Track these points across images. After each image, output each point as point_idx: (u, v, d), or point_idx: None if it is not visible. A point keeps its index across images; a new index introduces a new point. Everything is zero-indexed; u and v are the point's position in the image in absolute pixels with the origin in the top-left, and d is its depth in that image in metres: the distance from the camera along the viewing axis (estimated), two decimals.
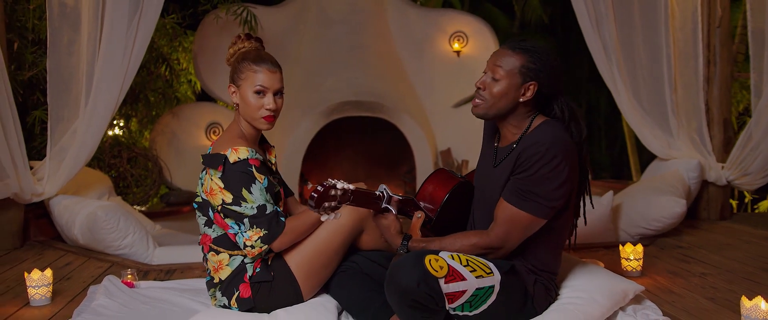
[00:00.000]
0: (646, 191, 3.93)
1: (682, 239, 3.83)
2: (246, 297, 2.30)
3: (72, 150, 3.78)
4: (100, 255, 3.57)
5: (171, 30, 6.19)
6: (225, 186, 2.20)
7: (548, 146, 2.02)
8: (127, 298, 2.70)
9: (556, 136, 2.06)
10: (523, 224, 2.07)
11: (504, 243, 2.10)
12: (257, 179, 2.22)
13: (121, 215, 3.52)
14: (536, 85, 2.11)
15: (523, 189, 2.05)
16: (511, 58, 2.11)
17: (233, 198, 2.19)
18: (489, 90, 2.13)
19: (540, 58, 2.11)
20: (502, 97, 2.11)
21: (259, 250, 2.22)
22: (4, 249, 3.76)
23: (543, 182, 2.03)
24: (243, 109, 2.33)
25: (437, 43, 6.14)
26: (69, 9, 3.78)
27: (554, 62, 2.15)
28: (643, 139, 4.31)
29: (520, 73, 2.10)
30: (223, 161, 2.20)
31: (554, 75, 2.15)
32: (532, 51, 2.12)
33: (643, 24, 4.25)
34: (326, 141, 6.23)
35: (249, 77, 2.31)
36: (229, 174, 2.20)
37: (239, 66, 2.34)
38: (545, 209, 2.05)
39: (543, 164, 2.01)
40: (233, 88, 2.35)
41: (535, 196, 2.03)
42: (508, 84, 2.10)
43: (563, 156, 2.02)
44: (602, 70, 4.22)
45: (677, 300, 2.69)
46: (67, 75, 3.80)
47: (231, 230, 2.24)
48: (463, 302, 2.00)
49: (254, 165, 2.23)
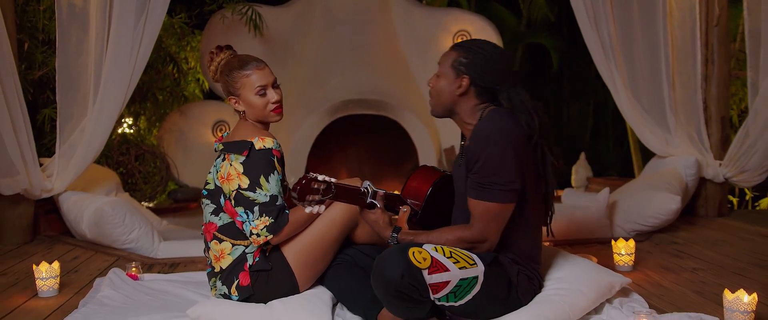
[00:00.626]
0: (642, 188, 3.99)
1: (677, 235, 3.88)
2: (245, 285, 2.39)
3: (80, 147, 3.88)
4: (107, 249, 3.67)
5: (179, 29, 6.29)
6: (244, 171, 2.30)
7: (487, 134, 2.11)
8: (130, 290, 2.80)
9: (494, 123, 2.14)
10: (494, 213, 2.13)
11: (485, 236, 2.16)
12: (276, 170, 2.33)
13: (127, 211, 3.62)
14: (468, 78, 2.21)
15: (479, 182, 2.12)
16: (447, 55, 2.27)
17: (250, 183, 2.29)
18: (434, 86, 2.28)
19: (473, 52, 2.22)
20: (441, 92, 2.26)
21: (264, 239, 2.31)
22: (14, 244, 3.87)
23: (494, 169, 2.09)
24: (251, 112, 2.44)
25: (441, 42, 6.19)
26: (78, 9, 3.87)
27: (488, 55, 2.21)
28: (642, 137, 4.37)
29: (453, 67, 2.23)
30: (250, 147, 2.32)
31: (488, 68, 2.21)
32: (466, 47, 2.25)
33: (641, 22, 4.30)
34: (332, 139, 6.30)
35: (245, 83, 2.40)
36: (253, 159, 2.31)
37: (230, 78, 2.43)
38: (507, 194, 2.12)
39: (488, 154, 2.09)
40: (234, 99, 2.44)
41: (493, 184, 2.10)
42: (445, 80, 2.25)
43: (505, 140, 2.10)
44: (601, 68, 4.27)
45: (666, 293, 2.75)
46: (76, 74, 3.90)
47: (239, 218, 2.33)
48: (447, 292, 2.07)
49: (276, 157, 2.35)
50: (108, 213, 3.57)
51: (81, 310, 2.54)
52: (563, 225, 3.71)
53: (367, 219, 2.26)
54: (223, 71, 2.46)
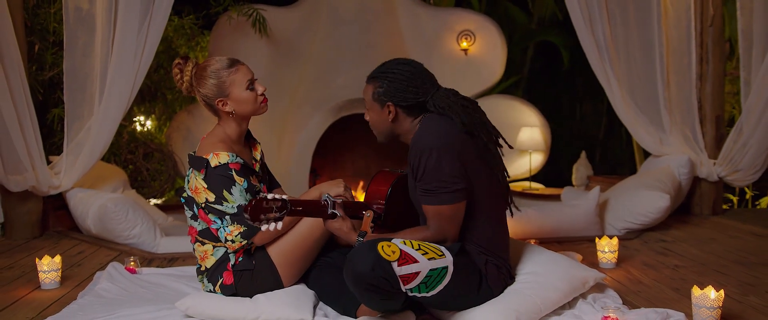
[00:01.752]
0: (633, 186, 4.04)
1: (668, 233, 3.93)
2: (229, 283, 2.49)
3: (87, 146, 4.02)
4: (110, 244, 3.82)
5: (189, 30, 6.44)
6: (208, 187, 2.38)
7: (421, 144, 2.20)
8: (127, 283, 2.93)
9: (426, 130, 2.23)
10: (447, 215, 2.23)
11: (444, 236, 2.26)
12: (237, 182, 2.39)
13: (129, 207, 3.76)
14: (392, 104, 2.30)
15: (425, 188, 2.22)
16: (367, 89, 2.38)
17: (215, 197, 2.37)
18: (369, 119, 2.40)
19: (386, 78, 2.30)
20: (377, 123, 2.38)
21: (239, 245, 2.41)
22: (23, 238, 4.03)
23: (434, 176, 2.19)
24: (242, 108, 2.49)
25: (446, 41, 6.27)
26: (84, 13, 4.02)
27: (400, 77, 2.29)
28: (636, 136, 4.42)
29: (375, 99, 2.33)
30: (205, 165, 2.39)
31: (403, 87, 2.30)
32: (378, 75, 2.33)
33: (636, 22, 4.35)
34: (339, 138, 6.42)
35: (234, 80, 2.46)
36: (211, 176, 2.38)
37: (217, 79, 2.45)
38: (453, 195, 2.20)
39: (424, 161, 2.19)
40: (222, 100, 2.46)
41: (438, 190, 2.20)
42: (374, 113, 2.37)
43: (436, 145, 2.18)
44: (595, 67, 4.33)
45: (644, 290, 2.81)
46: (83, 75, 4.04)
47: (213, 225, 2.43)
48: (418, 283, 2.14)
49: (234, 169, 2.40)
50: (111, 210, 3.71)
51: (78, 301, 2.67)
52: (552, 223, 3.78)
53: (332, 228, 2.32)
54: (202, 76, 2.46)
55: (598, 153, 9.30)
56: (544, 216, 3.80)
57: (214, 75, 2.45)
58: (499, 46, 6.16)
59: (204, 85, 2.46)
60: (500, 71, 6.18)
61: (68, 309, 2.57)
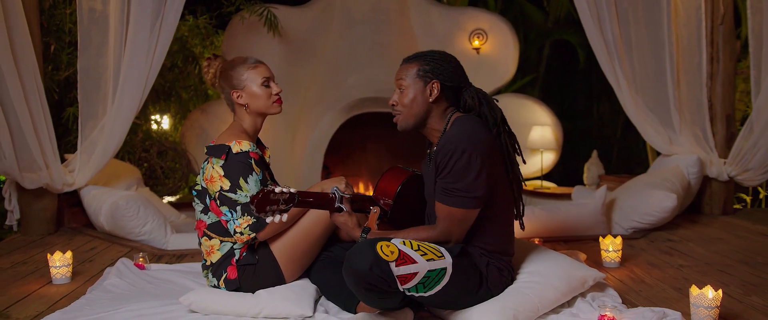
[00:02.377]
0: (641, 186, 4.03)
1: (676, 233, 3.92)
2: (232, 278, 2.55)
3: (100, 144, 4.10)
4: (122, 240, 3.89)
5: (204, 30, 6.52)
6: (225, 174, 2.46)
7: (456, 143, 2.20)
8: (135, 278, 3.00)
9: (462, 132, 2.23)
10: (458, 218, 2.26)
11: (449, 237, 2.29)
12: (254, 171, 2.47)
13: (141, 205, 3.83)
14: (438, 82, 2.31)
15: (446, 187, 2.24)
16: (407, 69, 2.36)
17: (231, 185, 2.44)
18: (401, 102, 2.35)
19: (432, 58, 2.34)
20: (413, 102, 2.33)
21: (247, 237, 2.47)
22: (39, 234, 4.12)
23: (460, 177, 2.21)
24: (255, 103, 2.60)
25: (458, 40, 6.29)
26: (98, 14, 4.09)
27: (447, 57, 2.36)
28: (645, 135, 4.40)
29: (419, 76, 2.32)
30: (227, 151, 2.48)
31: (450, 68, 2.36)
32: (421, 56, 2.36)
33: (646, 21, 4.34)
34: (352, 137, 6.46)
35: (251, 76, 2.59)
36: (230, 162, 2.46)
37: (235, 72, 2.60)
38: (471, 200, 2.23)
39: (455, 161, 2.19)
40: (238, 93, 2.60)
41: (458, 191, 2.22)
42: (414, 91, 2.33)
43: (472, 149, 2.19)
44: (604, 66, 4.33)
45: (645, 289, 2.82)
46: (96, 75, 4.12)
47: (224, 217, 2.49)
48: (416, 283, 2.18)
49: (254, 159, 2.49)
50: (122, 207, 3.79)
51: (87, 296, 2.74)
52: (558, 222, 3.79)
53: (337, 222, 2.37)
54: (226, 68, 2.63)
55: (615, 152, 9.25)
56: (550, 215, 3.81)
57: (236, 68, 2.61)
58: (511, 45, 6.16)
59: (226, 77, 2.62)
60: (512, 70, 6.18)
61: (76, 304, 2.63)
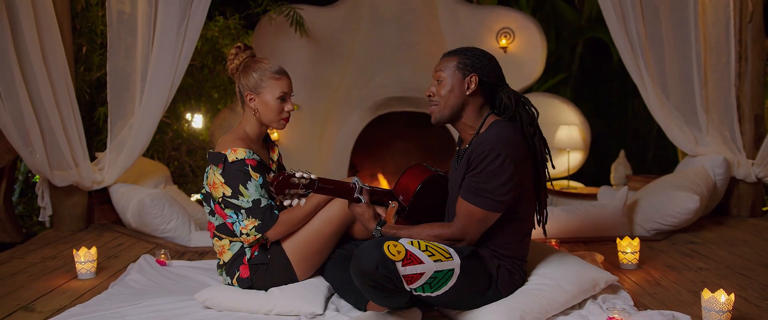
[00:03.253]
0: (664, 187, 3.97)
1: (699, 234, 3.85)
2: (245, 277, 2.61)
3: (129, 143, 4.21)
4: (148, 237, 3.99)
5: (234, 30, 6.62)
6: (225, 181, 2.51)
7: (492, 145, 2.21)
8: (155, 274, 3.08)
9: (501, 135, 2.24)
10: (477, 218, 2.26)
11: (464, 236, 2.29)
12: (253, 177, 2.51)
13: (166, 202, 3.92)
14: (477, 76, 2.33)
15: (473, 186, 2.25)
16: (447, 62, 2.38)
17: (232, 192, 2.50)
18: (438, 93, 2.37)
19: (472, 53, 2.37)
20: (450, 94, 2.35)
21: (254, 238, 2.52)
22: (70, 230, 4.26)
23: (490, 179, 2.21)
24: (264, 113, 2.62)
25: (485, 39, 6.26)
26: (126, 16, 4.20)
27: (487, 55, 2.39)
28: (670, 135, 4.34)
29: (459, 69, 2.35)
30: (223, 160, 2.52)
31: (489, 65, 2.38)
32: (462, 50, 2.39)
33: (672, 20, 4.28)
34: (379, 134, 6.50)
35: (271, 86, 2.60)
36: (228, 171, 2.51)
37: (257, 76, 2.60)
38: (495, 203, 2.24)
39: (489, 162, 2.20)
40: (252, 96, 2.61)
41: (485, 192, 2.23)
42: (452, 82, 2.35)
43: (507, 153, 2.20)
44: (628, 64, 4.28)
45: (660, 292, 2.79)
46: (125, 76, 4.23)
47: (229, 219, 2.55)
48: (422, 283, 2.20)
49: (251, 165, 2.52)
50: (148, 205, 3.89)
51: (108, 291, 2.83)
52: (578, 222, 3.76)
53: (354, 212, 2.42)
54: (249, 67, 2.62)
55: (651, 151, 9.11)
56: (569, 215, 3.78)
57: (259, 71, 2.60)
58: (538, 44, 6.11)
59: (247, 74, 2.62)
60: (540, 69, 6.13)
61: (97, 298, 2.72)
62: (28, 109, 3.84)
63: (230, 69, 2.69)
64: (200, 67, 6.14)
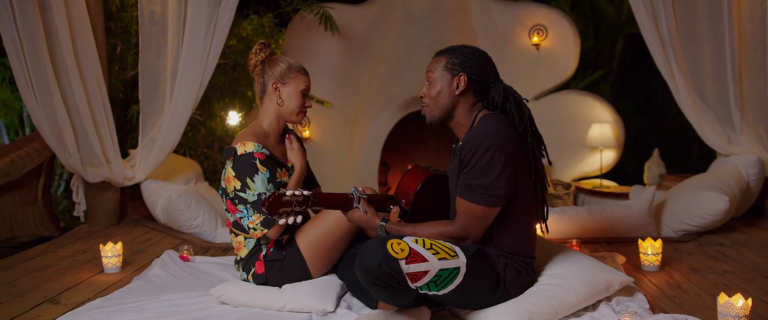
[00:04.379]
0: (693, 187, 3.87)
1: (729, 236, 3.75)
2: (260, 273, 2.65)
3: (159, 140, 4.31)
4: (176, 233, 4.09)
5: (268, 29, 6.70)
6: (235, 175, 2.57)
7: (481, 140, 2.21)
8: (177, 270, 3.15)
9: (489, 129, 2.24)
10: (477, 215, 2.26)
11: (467, 233, 2.29)
12: (260, 170, 2.55)
13: (192, 199, 4.01)
14: (465, 75, 2.34)
15: (468, 183, 2.25)
16: (436, 62, 2.39)
17: (241, 185, 2.55)
18: (428, 94, 2.39)
19: (461, 52, 2.36)
20: (440, 95, 2.37)
21: (261, 233, 2.56)
22: (102, 225, 4.39)
23: (482, 174, 2.21)
24: (287, 104, 2.70)
25: (517, 36, 6.21)
26: (157, 16, 4.30)
27: (475, 53, 2.38)
28: (702, 134, 4.22)
29: (447, 69, 2.36)
30: (234, 153, 2.58)
31: (479, 63, 2.37)
32: (452, 49, 2.39)
33: (705, 15, 4.16)
34: (412, 132, 6.51)
35: (297, 78, 2.70)
36: (238, 164, 2.57)
37: (285, 67, 2.69)
38: (492, 198, 2.23)
39: (479, 157, 2.20)
40: (278, 85, 2.69)
41: (479, 188, 2.22)
42: (441, 83, 2.37)
43: (496, 147, 2.20)
44: (658, 61, 4.19)
45: (680, 295, 2.72)
46: (156, 75, 4.32)
47: (239, 214, 2.59)
48: (427, 282, 2.19)
49: (259, 159, 2.57)
50: (175, 201, 3.98)
51: (129, 286, 2.91)
52: (602, 222, 3.70)
53: (352, 219, 2.41)
54: (276, 60, 2.71)
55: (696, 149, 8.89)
56: (592, 215, 3.72)
57: (287, 64, 2.70)
58: (571, 41, 6.02)
59: (274, 66, 2.70)
60: (573, 66, 6.05)
61: (118, 292, 2.80)
62: (61, 108, 3.98)
63: (253, 63, 2.75)
64: (233, 65, 6.23)
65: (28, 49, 3.85)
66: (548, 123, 6.09)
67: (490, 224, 2.31)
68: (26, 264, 3.45)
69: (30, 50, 3.86)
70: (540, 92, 6.18)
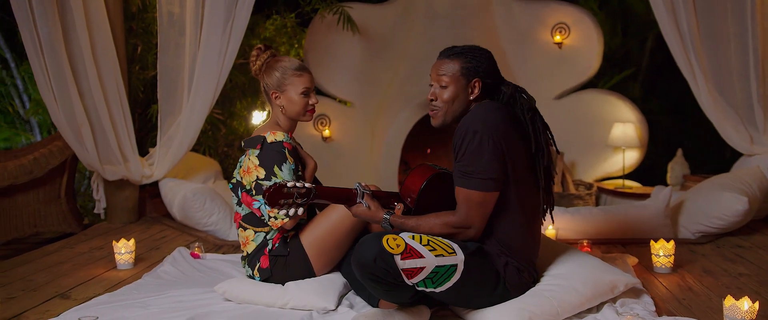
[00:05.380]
0: (713, 187, 3.78)
1: (749, 238, 3.65)
2: (265, 267, 2.68)
3: (177, 139, 4.37)
4: (191, 230, 4.14)
5: (290, 29, 6.74)
6: (260, 163, 2.59)
7: (468, 125, 2.21)
8: (187, 266, 3.19)
9: (475, 114, 2.24)
10: (476, 201, 2.24)
11: (469, 222, 2.26)
12: (288, 160, 2.59)
13: (207, 197, 4.05)
14: (480, 80, 2.30)
15: (462, 170, 2.24)
16: (450, 64, 2.34)
17: (266, 173, 2.58)
18: (440, 98, 2.35)
19: (473, 55, 2.33)
20: (454, 100, 2.34)
21: (282, 222, 2.57)
22: (121, 222, 4.46)
23: (474, 159, 2.20)
24: (290, 108, 2.73)
25: (539, 35, 6.14)
26: (176, 17, 4.35)
27: (485, 53, 2.37)
28: (723, 133, 4.13)
29: (462, 74, 2.32)
30: (262, 141, 2.62)
31: (489, 64, 2.36)
32: (462, 52, 2.36)
33: (726, 12, 4.06)
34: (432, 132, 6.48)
35: (294, 82, 2.71)
36: (265, 152, 2.60)
37: (279, 74, 2.71)
38: (487, 182, 2.21)
39: (468, 142, 2.20)
40: (277, 94, 2.72)
41: (474, 174, 2.21)
42: (455, 88, 2.33)
43: (483, 131, 2.18)
44: (678, 59, 4.10)
45: (690, 298, 2.67)
46: (174, 74, 4.38)
47: (256, 204, 2.61)
48: (423, 278, 2.18)
49: (287, 148, 2.61)
50: (189, 199, 4.03)
51: (138, 282, 2.96)
52: (617, 223, 3.64)
53: (356, 213, 2.41)
54: (271, 67, 2.73)
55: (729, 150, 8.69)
56: (606, 215, 3.66)
57: (281, 70, 2.71)
58: (594, 39, 5.94)
59: (270, 74, 2.73)
60: (596, 65, 5.96)
61: (126, 288, 2.85)
62: (79, 107, 4.06)
63: (253, 70, 2.80)
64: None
65: (46, 50, 3.93)
66: (570, 122, 6.04)
67: (491, 213, 2.28)
68: (44, 259, 3.53)
69: (49, 51, 3.94)
70: (562, 91, 6.10)
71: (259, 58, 2.77)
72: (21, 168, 4.23)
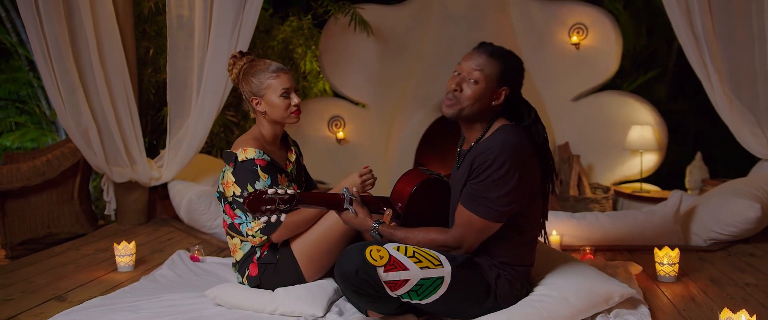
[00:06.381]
0: (725, 193, 3.66)
1: (763, 247, 3.52)
2: (254, 275, 2.65)
3: (185, 141, 4.39)
4: (197, 233, 4.15)
5: (307, 31, 6.74)
6: (235, 181, 2.56)
7: (498, 153, 2.10)
8: (184, 270, 3.19)
9: (507, 142, 2.13)
10: (477, 227, 2.17)
11: (461, 244, 2.21)
12: (261, 177, 2.54)
13: (213, 200, 4.05)
14: (508, 90, 2.22)
15: (475, 193, 2.15)
16: (489, 63, 2.22)
17: (241, 191, 2.54)
18: (465, 92, 2.22)
19: (515, 64, 2.24)
20: (478, 100, 2.20)
21: (260, 240, 2.56)
22: (130, 224, 4.50)
23: (493, 188, 2.12)
24: (273, 113, 2.67)
25: (557, 35, 6.04)
26: (185, 19, 4.37)
27: (521, 65, 2.27)
28: (739, 137, 4.00)
29: (498, 79, 2.20)
30: (234, 159, 2.57)
31: (520, 78, 2.28)
32: (506, 57, 2.24)
33: (744, 11, 3.94)
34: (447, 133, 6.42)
35: (271, 85, 2.64)
36: (238, 170, 2.56)
37: (256, 79, 2.65)
38: (496, 213, 2.14)
39: (493, 170, 2.10)
40: (257, 100, 2.67)
41: (486, 201, 2.13)
42: (484, 88, 2.20)
43: (512, 162, 2.10)
44: (692, 60, 4.00)
45: (691, 309, 2.58)
46: (183, 77, 4.39)
47: (237, 220, 2.60)
48: (408, 290, 2.14)
49: (260, 165, 2.55)
50: (195, 202, 4.04)
51: (133, 285, 2.96)
52: (624, 229, 3.54)
53: (344, 220, 2.37)
54: (248, 73, 2.67)
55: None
56: (614, 222, 3.56)
57: (258, 74, 2.65)
58: (613, 40, 5.82)
59: (247, 81, 2.67)
60: (614, 67, 5.84)
61: (121, 291, 2.86)
62: (85, 109, 4.11)
63: (232, 79, 2.75)
64: None
65: (53, 52, 3.98)
66: (588, 124, 5.93)
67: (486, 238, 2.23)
68: (49, 261, 3.57)
69: (55, 54, 3.98)
70: (579, 93, 5.99)
71: (235, 65, 2.72)
72: (34, 169, 4.29)
